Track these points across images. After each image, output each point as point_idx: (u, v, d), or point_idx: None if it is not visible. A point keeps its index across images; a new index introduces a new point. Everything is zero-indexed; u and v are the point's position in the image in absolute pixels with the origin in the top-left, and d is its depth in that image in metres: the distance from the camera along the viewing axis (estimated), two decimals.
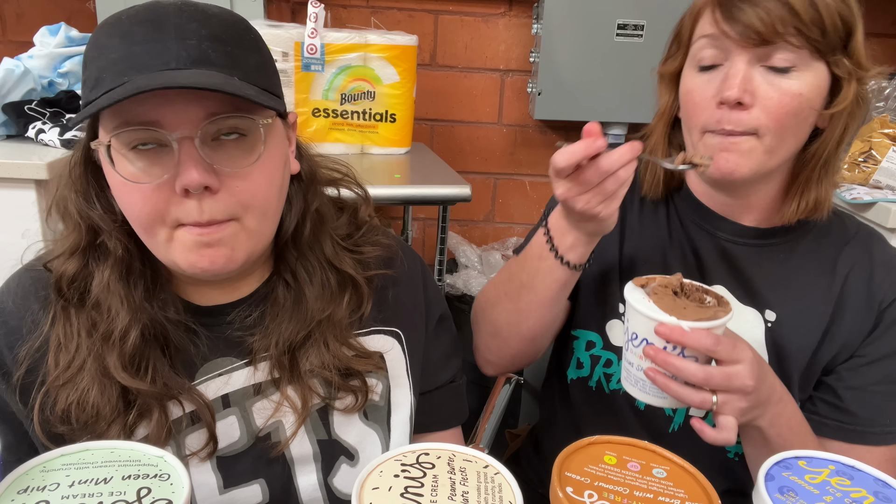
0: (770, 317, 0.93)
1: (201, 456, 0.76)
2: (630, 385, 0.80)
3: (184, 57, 0.65)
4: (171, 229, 0.69)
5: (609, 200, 0.79)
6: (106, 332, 0.73)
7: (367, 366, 0.82)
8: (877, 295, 0.90)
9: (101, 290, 0.74)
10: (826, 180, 0.89)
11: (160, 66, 0.64)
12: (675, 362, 0.74)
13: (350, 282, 0.82)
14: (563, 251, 0.88)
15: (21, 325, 0.75)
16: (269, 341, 0.78)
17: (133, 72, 0.64)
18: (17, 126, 1.64)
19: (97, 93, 0.65)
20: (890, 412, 0.89)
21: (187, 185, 0.65)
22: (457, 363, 0.95)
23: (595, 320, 1.00)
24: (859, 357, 0.90)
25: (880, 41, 2.29)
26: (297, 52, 1.78)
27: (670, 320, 0.73)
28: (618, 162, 0.76)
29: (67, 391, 0.72)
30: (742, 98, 0.81)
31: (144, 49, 0.65)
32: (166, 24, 0.66)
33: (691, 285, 0.80)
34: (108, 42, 0.66)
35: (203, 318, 0.78)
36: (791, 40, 0.79)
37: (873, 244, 0.95)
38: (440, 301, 0.94)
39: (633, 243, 1.00)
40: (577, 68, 2.08)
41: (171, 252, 0.70)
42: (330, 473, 0.82)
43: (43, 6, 2.08)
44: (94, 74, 0.66)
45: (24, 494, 0.50)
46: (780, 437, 0.81)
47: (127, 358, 0.72)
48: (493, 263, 2.19)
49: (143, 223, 0.69)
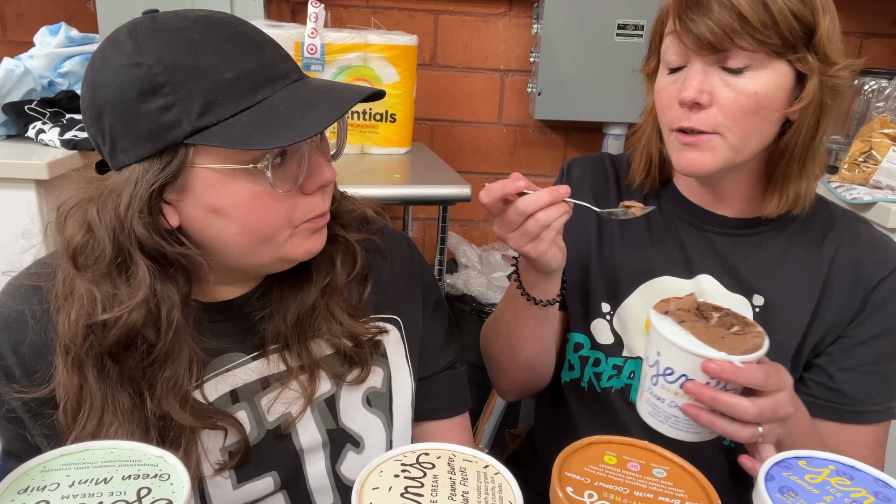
0: (758, 301, 0.94)
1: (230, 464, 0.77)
2: (658, 421, 0.76)
3: (292, 68, 0.70)
4: (294, 227, 0.72)
5: (535, 242, 0.81)
6: (170, 377, 0.71)
7: (372, 331, 0.84)
8: (863, 275, 0.91)
9: (171, 337, 0.70)
10: (805, 174, 0.90)
11: (283, 80, 0.69)
12: (727, 399, 0.70)
13: (341, 244, 0.83)
14: (528, 288, 0.92)
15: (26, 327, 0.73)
16: (278, 322, 0.79)
17: (260, 88, 0.67)
18: (17, 126, 1.64)
19: (220, 115, 0.65)
20: (881, 391, 0.92)
21: (327, 182, 0.72)
22: (454, 349, 0.96)
23: (581, 322, 1.02)
24: (848, 338, 0.91)
25: (880, 41, 2.29)
26: (297, 52, 1.78)
27: (720, 356, 0.69)
28: (533, 204, 0.79)
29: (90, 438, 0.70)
30: (699, 99, 0.83)
31: (259, 66, 0.67)
32: (250, 37, 0.69)
33: (706, 305, 0.78)
34: (201, 61, 0.65)
35: (213, 314, 0.79)
36: (743, 45, 0.80)
37: (859, 226, 0.96)
38: (435, 287, 0.96)
39: (613, 243, 1.02)
40: (577, 68, 2.08)
41: (286, 248, 0.73)
42: (337, 461, 0.84)
43: (43, 6, 2.08)
44: (200, 97, 0.64)
45: (24, 494, 0.50)
46: (794, 445, 0.81)
47: (189, 399, 0.72)
48: (493, 263, 2.19)
49: (274, 230, 0.70)
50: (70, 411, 0.70)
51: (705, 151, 0.86)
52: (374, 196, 0.93)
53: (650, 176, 1.01)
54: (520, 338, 0.97)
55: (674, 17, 0.85)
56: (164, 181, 0.66)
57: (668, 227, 1.00)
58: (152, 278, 0.68)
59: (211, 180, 0.67)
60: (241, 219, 0.68)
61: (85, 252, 0.69)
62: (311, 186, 0.71)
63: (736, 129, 0.84)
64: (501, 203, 0.81)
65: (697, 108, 0.84)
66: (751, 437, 0.73)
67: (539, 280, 0.90)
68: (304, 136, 0.64)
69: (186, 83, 0.64)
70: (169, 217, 0.69)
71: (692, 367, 0.71)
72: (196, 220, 0.69)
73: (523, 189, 0.80)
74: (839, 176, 1.70)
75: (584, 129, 2.32)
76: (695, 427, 0.74)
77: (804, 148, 0.88)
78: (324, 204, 0.74)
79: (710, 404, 0.71)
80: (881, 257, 0.92)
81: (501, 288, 2.04)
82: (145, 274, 0.68)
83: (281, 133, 0.64)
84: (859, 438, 0.92)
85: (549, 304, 0.93)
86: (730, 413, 0.71)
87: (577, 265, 1.01)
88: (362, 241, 0.86)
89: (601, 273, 1.01)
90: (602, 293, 1.00)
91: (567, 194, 0.80)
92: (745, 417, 0.71)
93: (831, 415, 0.92)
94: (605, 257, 1.02)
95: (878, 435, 0.93)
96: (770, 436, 0.74)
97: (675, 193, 1.00)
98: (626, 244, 1.01)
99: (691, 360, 0.71)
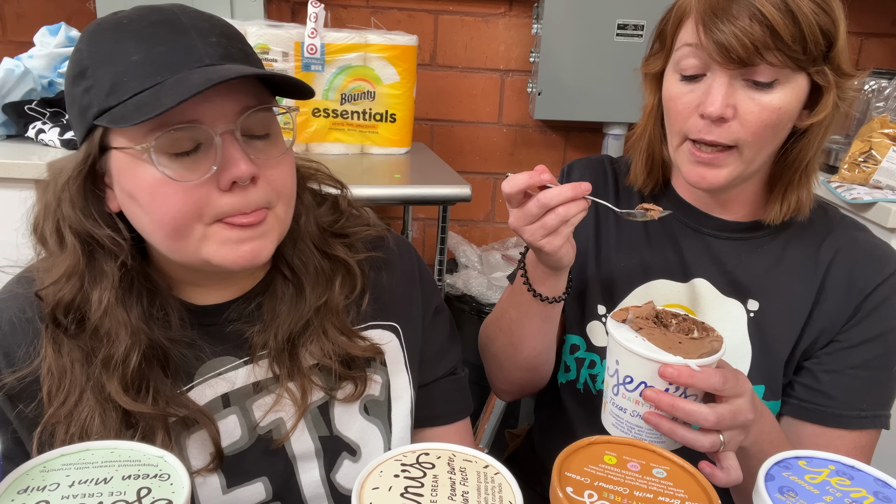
0: (753, 306, 0.94)
1: (209, 468, 0.76)
2: (622, 432, 0.75)
3: (213, 54, 0.67)
4: (207, 226, 0.69)
5: (552, 236, 0.81)
6: (106, 357, 0.71)
7: (366, 351, 0.83)
8: (858, 281, 0.90)
9: (101, 315, 0.71)
10: (807, 181, 0.91)
11: (192, 64, 0.65)
12: (685, 406, 0.70)
13: (342, 266, 0.83)
14: (534, 285, 0.91)
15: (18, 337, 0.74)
16: (269, 335, 0.78)
17: (165, 72, 0.65)
18: (17, 126, 1.64)
19: (122, 96, 0.65)
20: (866, 397, 0.90)
21: (238, 177, 0.67)
22: (455, 355, 0.95)
23: (577, 324, 1.02)
24: (838, 342, 0.91)
25: (880, 41, 2.29)
26: (297, 52, 1.78)
27: (676, 360, 0.69)
28: (555, 199, 0.79)
29: (67, 425, 0.70)
30: (724, 114, 0.82)
31: (171, 49, 0.65)
32: (181, 24, 0.67)
33: (665, 312, 0.78)
34: (119, 46, 0.65)
35: (202, 317, 0.78)
36: (772, 61, 0.79)
37: (857, 232, 0.95)
38: (436, 293, 0.95)
39: (609, 245, 1.02)
40: (577, 68, 2.08)
41: (204, 250, 0.69)
42: (332, 469, 0.82)
43: (43, 6, 2.08)
44: (107, 79, 0.65)
45: (24, 494, 0.50)
46: (761, 453, 0.80)
47: (129, 381, 0.71)
48: (493, 263, 2.18)
49: (179, 224, 0.68)
50: (52, 389, 0.71)
51: (720, 168, 0.86)
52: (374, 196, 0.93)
53: (653, 177, 1.00)
54: (523, 335, 0.97)
55: (697, 25, 0.82)
56: (88, 162, 0.69)
57: (664, 229, 1.00)
58: (80, 256, 0.70)
59: (122, 164, 0.68)
60: (147, 206, 0.68)
61: (38, 228, 0.73)
62: (223, 181, 0.67)
63: (754, 143, 0.84)
64: (522, 195, 0.80)
65: (721, 121, 0.83)
66: (712, 445, 0.72)
67: (546, 277, 0.90)
68: (154, 112, 0.61)
69: (101, 66, 0.66)
70: (110, 201, 0.72)
71: (650, 374, 0.70)
72: (124, 206, 0.71)
73: (547, 182, 0.79)
74: (839, 176, 1.70)
75: (584, 129, 2.32)
76: (659, 437, 0.73)
77: (811, 158, 0.88)
78: (242, 203, 0.68)
79: (668, 411, 0.71)
80: (877, 264, 0.91)
81: (501, 288, 2.04)
82: (72, 249, 0.70)
83: (143, 110, 0.62)
84: (840, 444, 0.89)
85: (554, 302, 0.92)
86: (688, 420, 0.71)
87: (574, 267, 1.01)
88: (366, 259, 0.85)
89: (598, 275, 1.01)
90: (598, 295, 1.00)
91: (588, 191, 0.80)
92: (704, 424, 0.70)
93: (813, 417, 0.91)
94: (602, 259, 1.01)
95: (862, 443, 0.90)
96: (731, 443, 0.73)
97: (674, 196, 1.00)
98: (622, 246, 1.01)
99: (648, 367, 0.70)
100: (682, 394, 0.71)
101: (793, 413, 0.92)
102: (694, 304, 0.96)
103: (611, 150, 2.21)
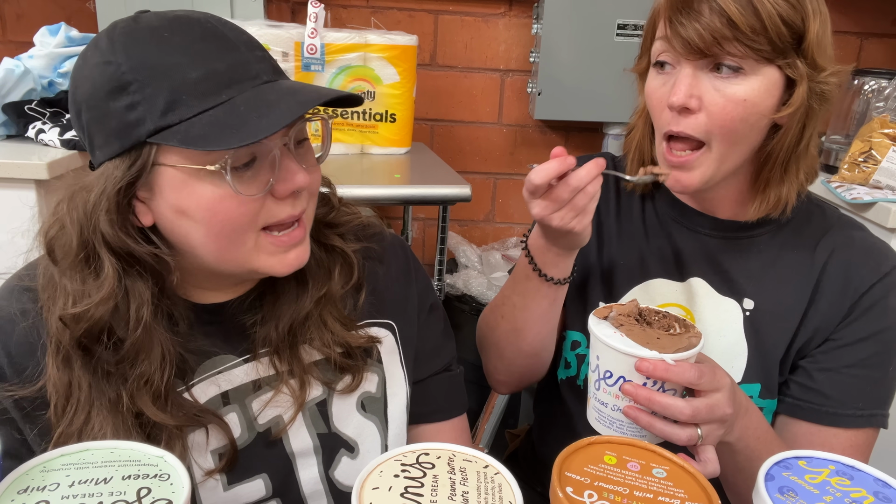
0: (748, 305, 0.94)
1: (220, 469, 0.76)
2: (605, 427, 0.76)
3: (266, 70, 0.69)
4: (257, 234, 0.70)
5: (581, 215, 0.82)
6: (142, 374, 0.70)
7: (364, 341, 0.84)
8: (854, 280, 0.90)
9: (138, 333, 0.69)
10: (788, 179, 0.90)
11: (252, 80, 0.67)
12: (661, 400, 0.71)
13: (339, 256, 0.83)
14: (544, 269, 0.91)
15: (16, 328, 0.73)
16: (269, 328, 0.79)
17: (225, 89, 0.65)
18: (17, 126, 1.64)
19: (183, 115, 0.64)
20: (862, 396, 0.90)
21: (299, 187, 0.70)
22: (449, 351, 0.96)
23: (578, 319, 1.02)
24: (833, 340, 0.91)
25: (880, 41, 2.29)
26: (297, 52, 1.78)
27: (652, 355, 0.70)
28: (586, 178, 0.80)
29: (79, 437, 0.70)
30: (687, 104, 0.83)
31: (229, 66, 0.66)
32: (227, 38, 0.68)
33: (649, 310, 0.79)
34: (167, 59, 0.65)
35: (206, 315, 0.79)
36: (732, 51, 0.80)
37: (853, 231, 0.95)
38: (430, 290, 0.95)
39: (611, 242, 1.02)
40: (577, 68, 2.08)
41: (254, 260, 0.71)
42: (331, 466, 0.83)
43: (43, 6, 2.08)
44: (162, 97, 0.64)
45: (24, 494, 0.50)
46: (747, 449, 0.81)
47: (161, 394, 0.71)
48: (493, 263, 2.18)
49: (237, 234, 0.69)
50: (59, 407, 0.70)
51: (692, 170, 0.87)
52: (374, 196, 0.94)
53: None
54: (528, 320, 0.96)
55: (664, 21, 0.84)
56: (131, 179, 0.66)
57: (662, 228, 1.00)
58: (119, 275, 0.69)
59: (176, 180, 0.67)
60: (204, 221, 0.68)
61: (57, 246, 0.70)
62: (282, 191, 0.69)
63: (723, 136, 0.84)
64: (547, 185, 0.81)
65: (686, 112, 0.84)
66: (689, 438, 0.73)
67: (558, 258, 0.90)
68: (255, 137, 0.62)
69: (152, 81, 0.64)
70: (142, 215, 0.70)
71: (628, 369, 0.72)
72: (166, 221, 0.70)
73: (573, 165, 0.80)
74: (839, 176, 1.70)
75: (584, 129, 2.32)
76: (639, 431, 0.74)
77: (788, 153, 0.88)
78: (292, 209, 0.71)
79: (645, 405, 0.72)
80: (873, 262, 0.91)
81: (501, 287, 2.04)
82: (111, 270, 0.68)
83: (234, 134, 0.63)
84: (835, 443, 0.89)
85: (562, 283, 0.92)
86: (664, 413, 0.72)
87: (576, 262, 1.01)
88: (360, 250, 0.86)
89: (599, 271, 1.01)
90: (599, 291, 1.01)
91: (605, 165, 0.82)
92: (680, 417, 0.71)
93: (808, 415, 0.91)
94: (604, 255, 1.02)
95: (858, 442, 0.90)
96: (710, 437, 0.74)
97: (669, 195, 1.00)
98: (623, 243, 1.01)
99: (626, 361, 0.72)
100: (660, 388, 0.72)
101: (788, 412, 0.92)
102: (691, 304, 0.96)
103: (611, 150, 2.21)
